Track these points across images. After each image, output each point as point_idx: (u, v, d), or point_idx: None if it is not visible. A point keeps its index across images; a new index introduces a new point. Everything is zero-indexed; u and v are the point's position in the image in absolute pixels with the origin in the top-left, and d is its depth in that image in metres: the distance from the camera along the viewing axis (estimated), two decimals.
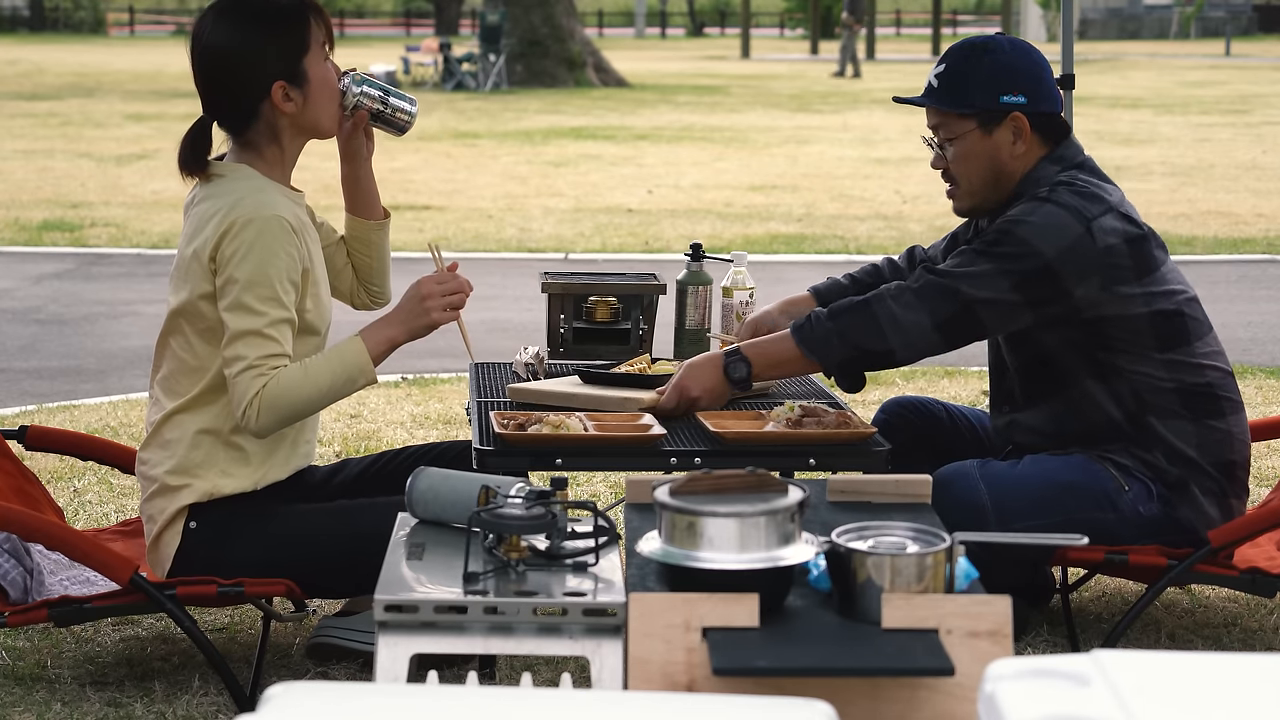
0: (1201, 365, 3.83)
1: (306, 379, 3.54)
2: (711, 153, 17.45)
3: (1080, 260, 3.69)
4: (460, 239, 11.48)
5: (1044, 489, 3.75)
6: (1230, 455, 3.84)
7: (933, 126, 3.92)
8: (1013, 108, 3.81)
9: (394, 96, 3.78)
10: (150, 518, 3.69)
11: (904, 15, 65.69)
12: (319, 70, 3.65)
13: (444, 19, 45.71)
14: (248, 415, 3.52)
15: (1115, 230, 3.74)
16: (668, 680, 2.53)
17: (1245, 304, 9.06)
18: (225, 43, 3.62)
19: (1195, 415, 3.81)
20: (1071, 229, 3.70)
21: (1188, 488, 3.80)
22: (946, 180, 3.93)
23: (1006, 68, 3.83)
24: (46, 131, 19.15)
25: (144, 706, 3.65)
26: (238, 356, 3.52)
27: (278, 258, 3.53)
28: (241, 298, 3.52)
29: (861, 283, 4.17)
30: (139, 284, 9.76)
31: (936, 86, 3.87)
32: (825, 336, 3.73)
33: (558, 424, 3.57)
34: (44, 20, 58.80)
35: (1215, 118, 21.78)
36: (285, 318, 3.54)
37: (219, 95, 3.65)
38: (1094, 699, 1.90)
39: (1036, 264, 3.68)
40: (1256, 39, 51.66)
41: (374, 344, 3.61)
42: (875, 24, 43.76)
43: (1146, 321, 3.77)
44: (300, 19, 3.63)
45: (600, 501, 5.07)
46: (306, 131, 3.68)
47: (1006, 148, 3.83)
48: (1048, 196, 3.74)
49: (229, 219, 3.54)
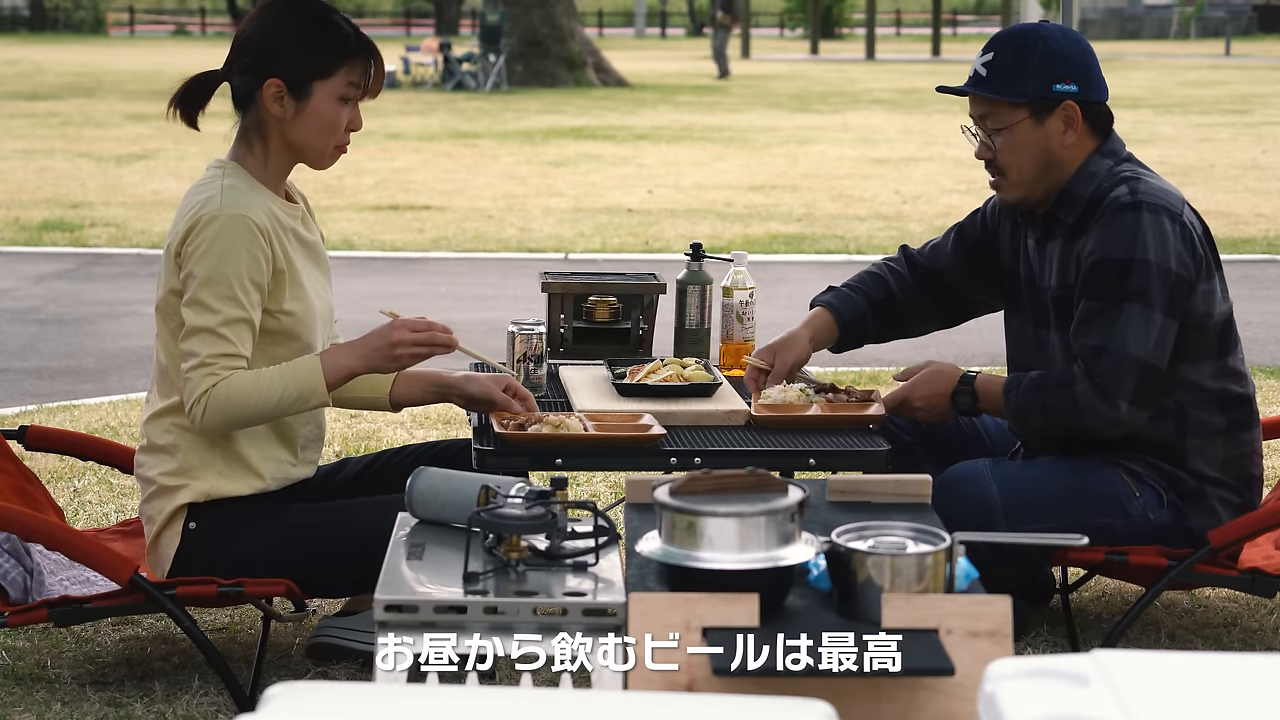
0: (1242, 373, 3.83)
1: (257, 388, 3.52)
2: (711, 153, 17.45)
3: (1191, 253, 3.68)
4: (460, 239, 11.48)
5: (1056, 491, 3.74)
6: (1252, 469, 3.84)
7: (979, 116, 3.82)
8: (1065, 96, 3.75)
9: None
10: (149, 518, 3.69)
11: (904, 15, 65.67)
12: (325, 103, 3.62)
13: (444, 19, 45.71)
14: (194, 412, 3.51)
15: (1195, 223, 3.74)
16: (668, 680, 2.52)
17: (1245, 304, 9.03)
18: (276, 16, 3.63)
19: (1230, 427, 3.79)
20: (1168, 228, 3.66)
21: (1204, 498, 3.79)
22: (992, 171, 3.84)
23: (1059, 55, 3.76)
24: (46, 131, 19.15)
25: (144, 706, 3.65)
26: (191, 352, 3.52)
27: (238, 256, 3.52)
28: (199, 294, 3.52)
29: (874, 299, 4.09)
30: (139, 284, 9.76)
31: (985, 75, 3.78)
32: (1028, 405, 3.72)
33: (558, 424, 3.57)
34: (44, 20, 58.81)
35: (1215, 118, 21.77)
36: (241, 317, 3.53)
37: (237, 56, 3.66)
38: (1094, 699, 1.90)
39: (1167, 279, 3.64)
40: (1256, 39, 51.65)
41: (331, 369, 3.57)
42: (875, 24, 43.77)
43: (1218, 320, 3.76)
44: (345, 50, 3.62)
45: (600, 501, 5.06)
46: (291, 147, 3.66)
47: (1058, 137, 3.77)
48: (1130, 204, 3.67)
49: (196, 215, 3.55)
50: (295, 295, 3.62)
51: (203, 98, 3.71)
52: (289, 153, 3.67)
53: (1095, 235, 3.69)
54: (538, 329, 4.00)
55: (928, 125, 20.78)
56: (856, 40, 51.27)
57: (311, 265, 3.71)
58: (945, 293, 4.10)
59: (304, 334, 3.66)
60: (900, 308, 4.11)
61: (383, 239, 11.43)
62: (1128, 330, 3.63)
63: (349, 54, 3.62)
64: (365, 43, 3.65)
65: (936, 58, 42.44)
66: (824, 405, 3.78)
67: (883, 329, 4.12)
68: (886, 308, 4.10)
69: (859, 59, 41.48)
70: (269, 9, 3.66)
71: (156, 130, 19.10)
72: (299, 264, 3.65)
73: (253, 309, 3.53)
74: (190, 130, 3.76)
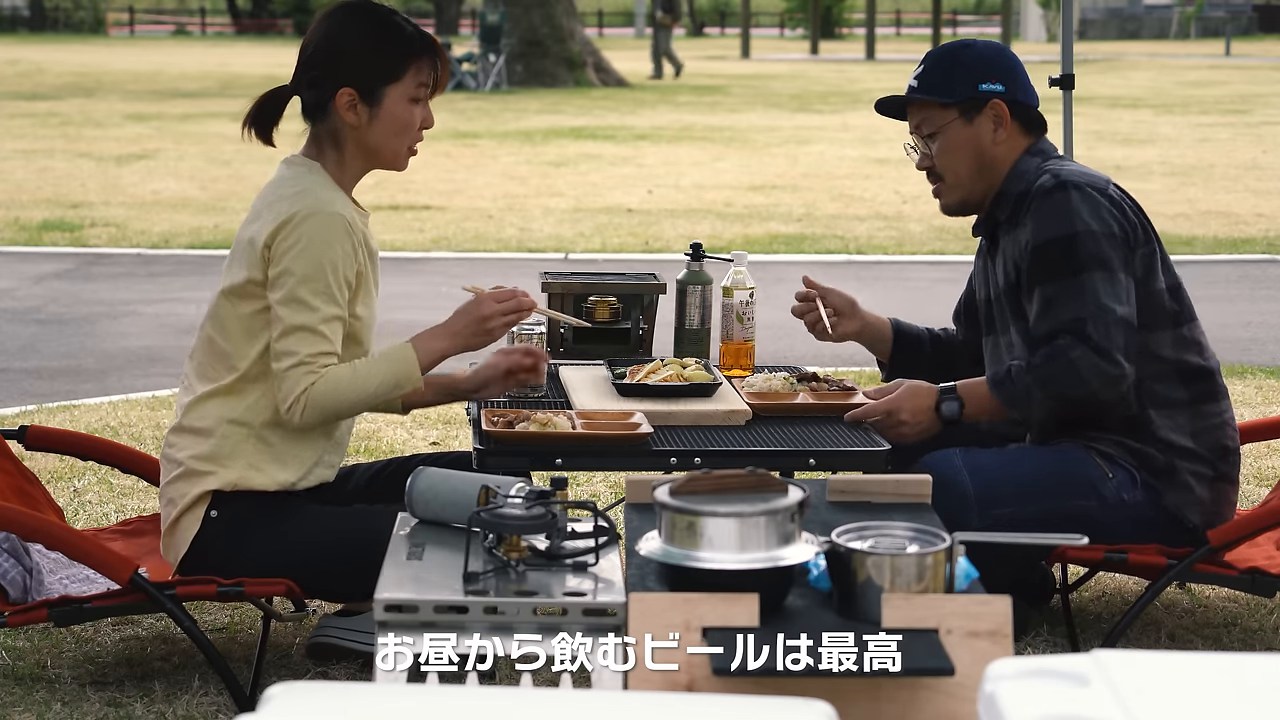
0: (1202, 345, 3.87)
1: (355, 380, 3.54)
2: (711, 153, 17.45)
3: (1123, 217, 3.77)
4: (460, 239, 11.48)
5: (1027, 476, 3.76)
6: (1225, 441, 3.86)
7: (915, 127, 3.99)
8: (991, 95, 3.89)
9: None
10: (170, 500, 3.67)
11: (904, 15, 65.69)
12: (398, 105, 3.64)
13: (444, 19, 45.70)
14: (293, 410, 3.52)
15: (1123, 198, 3.83)
16: (668, 680, 2.53)
17: (1245, 304, 9.06)
18: (338, 25, 3.65)
19: (1193, 399, 3.83)
20: (1098, 198, 3.76)
21: (1175, 474, 3.81)
22: (932, 180, 4.00)
23: (982, 59, 3.93)
24: (46, 131, 19.14)
25: (144, 706, 3.65)
26: (289, 351, 3.52)
27: (334, 254, 3.53)
28: (296, 291, 3.52)
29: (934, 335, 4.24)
30: (139, 284, 9.76)
31: (917, 86, 3.96)
32: (1027, 390, 3.75)
33: (545, 421, 3.58)
34: (44, 20, 58.81)
35: (1215, 118, 21.77)
36: (337, 314, 3.54)
37: (303, 69, 3.67)
38: (1094, 699, 1.90)
39: (1113, 242, 3.72)
40: (1256, 39, 51.65)
41: (425, 353, 3.62)
42: (875, 24, 43.79)
43: (1165, 290, 3.82)
44: (410, 51, 3.64)
45: (600, 501, 5.07)
46: (367, 152, 3.67)
47: (988, 135, 3.90)
48: (1055, 185, 3.77)
49: (290, 210, 3.54)
50: (365, 301, 3.64)
51: (275, 114, 3.71)
52: (365, 158, 3.69)
53: (1030, 224, 3.80)
54: (538, 329, 4.00)
55: None
56: (856, 40, 51.29)
57: (373, 274, 3.72)
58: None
59: (366, 339, 3.67)
60: (955, 351, 4.23)
61: (383, 239, 11.43)
62: (1099, 293, 3.70)
63: (415, 54, 3.65)
64: (429, 41, 3.68)
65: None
66: (809, 394, 3.88)
67: (938, 361, 4.20)
68: (942, 345, 4.24)
69: (859, 59, 41.47)
70: (331, 18, 3.68)
71: (156, 130, 19.09)
72: (368, 270, 3.66)
73: (344, 306, 3.56)
74: (191, 131, 3.76)
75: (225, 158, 15.51)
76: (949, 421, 3.81)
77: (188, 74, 31.28)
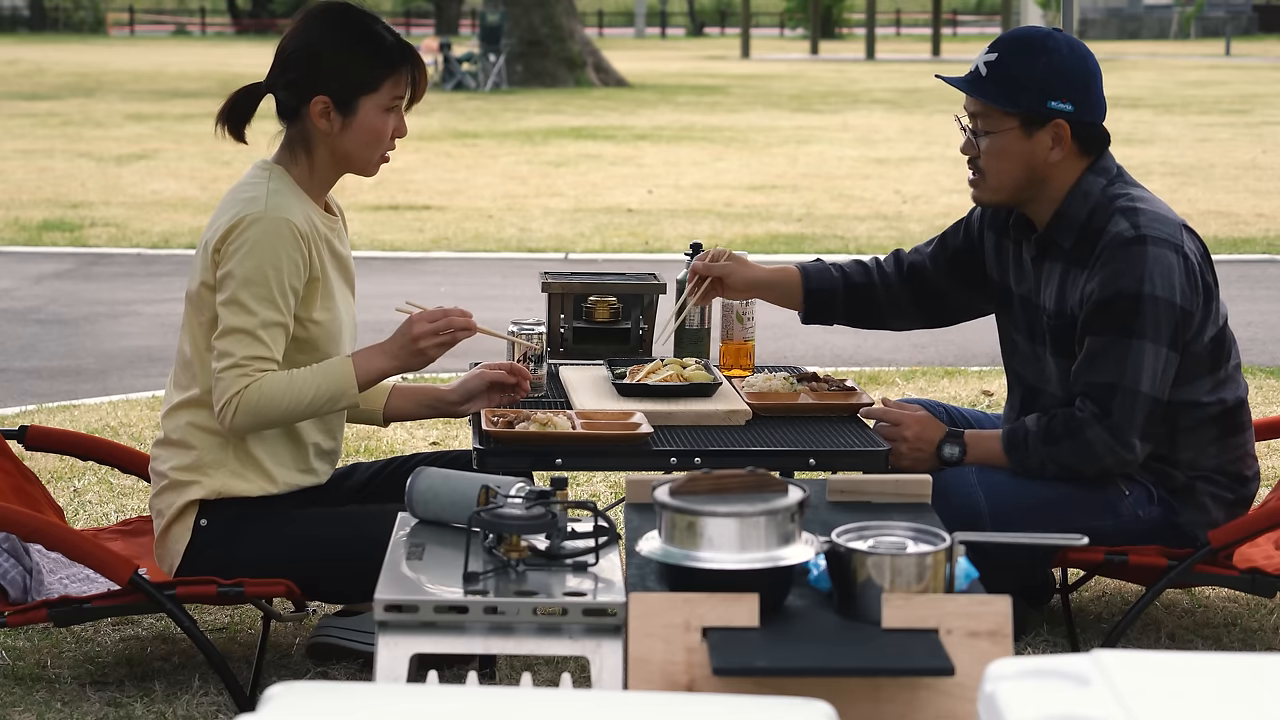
0: (1237, 381, 3.83)
1: (290, 389, 3.52)
2: (711, 153, 17.45)
3: (1194, 285, 3.68)
4: (460, 239, 11.48)
5: (1042, 497, 3.73)
6: (1245, 470, 3.85)
7: (971, 113, 3.81)
8: (1058, 114, 3.72)
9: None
10: (159, 512, 3.68)
11: (904, 15, 65.68)
12: (372, 115, 3.62)
13: (444, 19, 45.69)
14: (224, 413, 3.52)
15: (1195, 250, 3.73)
16: (668, 680, 2.52)
17: (1245, 304, 9.05)
18: (317, 29, 3.63)
19: (1223, 432, 3.80)
20: (1173, 261, 3.65)
21: (1194, 494, 3.79)
22: (972, 169, 3.82)
23: (1059, 72, 3.72)
24: (46, 131, 19.14)
25: (144, 706, 3.65)
26: (226, 352, 3.51)
27: (279, 260, 3.52)
28: (237, 294, 3.51)
29: (851, 283, 4.10)
30: (139, 284, 9.76)
31: (985, 76, 3.75)
32: (1041, 463, 3.74)
33: (545, 422, 3.58)
34: (44, 20, 58.84)
35: (1215, 118, 21.77)
36: (278, 321, 3.53)
37: (279, 69, 3.65)
38: (1094, 699, 1.90)
39: (1173, 314, 3.65)
40: (1256, 39, 51.66)
41: (364, 371, 3.59)
42: (875, 24, 43.78)
43: (1210, 341, 3.76)
44: (388, 64, 3.61)
45: (600, 501, 5.07)
46: (338, 158, 3.66)
47: (1043, 153, 3.74)
48: (1134, 239, 3.65)
49: (239, 214, 3.54)
50: (325, 306, 3.63)
51: (248, 111, 3.70)
52: (335, 164, 3.67)
53: (1100, 272, 3.68)
54: (538, 329, 4.00)
55: (928, 125, 20.78)
56: (856, 40, 51.29)
57: (340, 279, 3.71)
58: (931, 295, 4.10)
59: (327, 346, 3.65)
60: (876, 299, 4.11)
61: (383, 239, 11.43)
62: (1140, 367, 3.64)
63: (393, 66, 3.62)
64: (408, 51, 3.65)
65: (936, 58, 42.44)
66: (809, 394, 3.87)
67: (853, 313, 4.13)
68: (861, 293, 4.10)
69: (859, 59, 41.48)
70: (310, 20, 3.65)
71: (156, 130, 19.09)
72: (331, 275, 3.65)
73: (288, 313, 3.54)
74: (191, 131, 3.76)
75: (225, 158, 15.50)
76: (946, 463, 3.80)
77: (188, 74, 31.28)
